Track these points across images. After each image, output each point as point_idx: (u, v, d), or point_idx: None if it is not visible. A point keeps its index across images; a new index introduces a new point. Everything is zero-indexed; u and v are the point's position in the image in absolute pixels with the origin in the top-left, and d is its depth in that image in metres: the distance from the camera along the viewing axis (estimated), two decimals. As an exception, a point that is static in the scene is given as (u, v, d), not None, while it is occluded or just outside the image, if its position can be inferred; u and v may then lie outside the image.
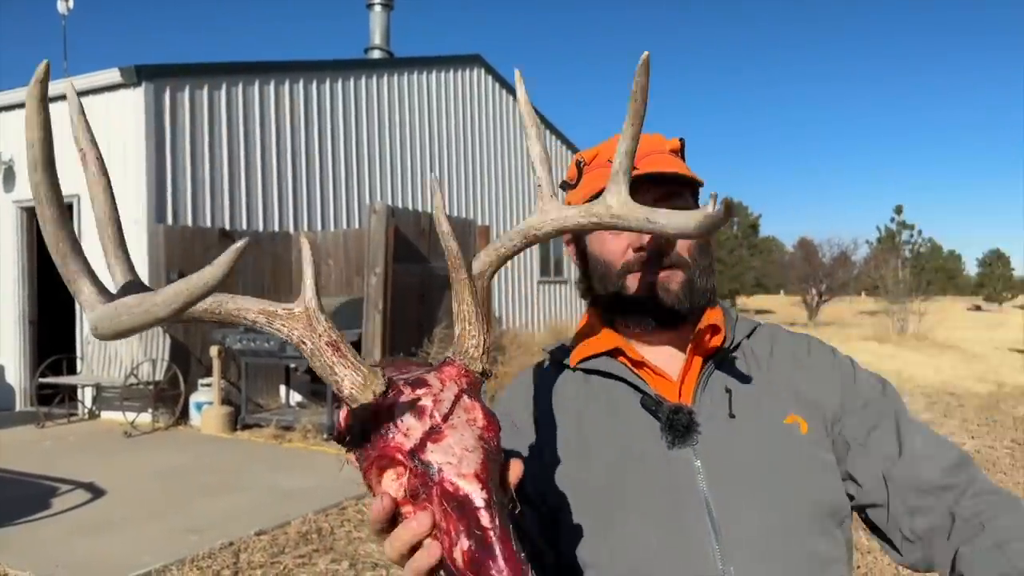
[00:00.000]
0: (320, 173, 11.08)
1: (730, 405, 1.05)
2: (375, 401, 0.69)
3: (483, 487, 0.66)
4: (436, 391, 0.71)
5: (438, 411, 0.70)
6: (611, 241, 1.11)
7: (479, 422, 0.71)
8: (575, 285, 1.23)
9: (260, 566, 4.46)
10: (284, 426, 7.96)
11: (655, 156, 1.11)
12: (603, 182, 1.04)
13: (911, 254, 43.53)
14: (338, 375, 0.69)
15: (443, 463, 0.67)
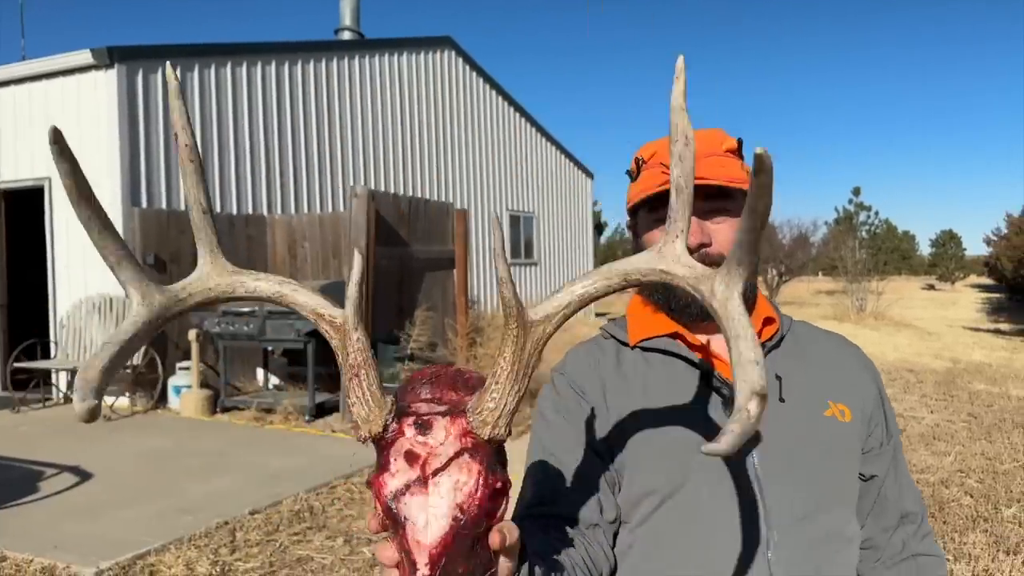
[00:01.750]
0: (294, 156, 11.05)
1: (780, 390, 1.18)
2: (375, 436, 0.72)
3: (430, 564, 0.67)
4: (435, 445, 0.70)
5: (429, 465, 0.69)
6: (658, 234, 1.20)
7: (465, 488, 0.69)
8: None
9: (257, 543, 4.56)
10: (265, 408, 8.02)
11: (708, 160, 1.17)
12: (656, 179, 1.17)
13: (868, 235, 44.50)
14: (350, 399, 0.73)
15: (411, 519, 0.68)
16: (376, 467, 0.72)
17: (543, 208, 18.41)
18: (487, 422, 0.71)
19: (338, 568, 4.26)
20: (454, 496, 0.68)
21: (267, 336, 7.97)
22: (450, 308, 8.61)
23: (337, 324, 0.76)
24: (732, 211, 1.19)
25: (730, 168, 1.19)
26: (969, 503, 5.15)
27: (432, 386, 0.78)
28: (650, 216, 1.22)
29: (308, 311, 0.78)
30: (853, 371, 1.27)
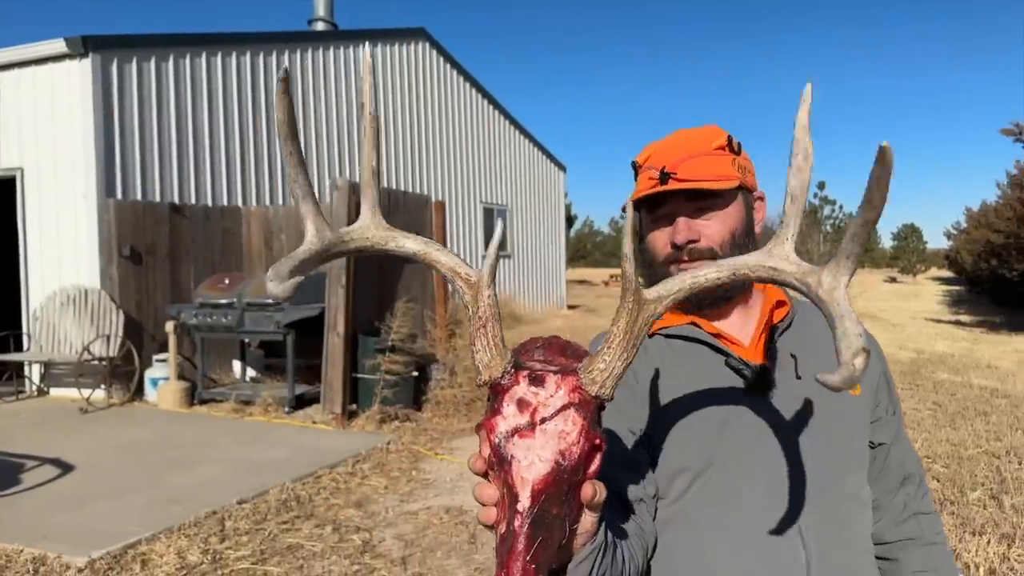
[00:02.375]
0: (269, 147, 11.01)
1: (796, 368, 1.28)
2: (495, 380, 0.79)
3: (531, 497, 0.73)
4: (545, 396, 0.78)
5: (539, 413, 0.77)
6: (657, 236, 1.31)
7: (568, 438, 0.76)
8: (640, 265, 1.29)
9: (246, 532, 4.61)
10: (243, 400, 8.02)
11: (694, 161, 1.26)
12: (646, 184, 1.28)
13: (833, 228, 45.26)
14: (475, 347, 0.81)
15: (517, 458, 0.75)
16: (488, 411, 0.80)
17: (516, 201, 18.50)
18: (596, 381, 0.79)
19: (329, 555, 4.33)
20: (558, 443, 0.75)
21: (246, 328, 7.97)
22: (429, 300, 8.68)
23: (472, 281, 0.84)
24: (720, 207, 1.28)
25: (717, 166, 1.27)
26: (936, 487, 5.36)
27: (545, 350, 0.86)
28: (648, 217, 1.32)
29: (447, 268, 0.87)
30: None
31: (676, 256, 1.27)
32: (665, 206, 1.28)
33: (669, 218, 1.28)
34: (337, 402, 7.11)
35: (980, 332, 17.23)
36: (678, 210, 1.27)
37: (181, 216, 9.13)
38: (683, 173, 1.24)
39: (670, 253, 1.28)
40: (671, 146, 1.30)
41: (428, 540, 4.57)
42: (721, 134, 1.31)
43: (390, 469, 5.95)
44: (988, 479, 5.53)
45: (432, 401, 7.75)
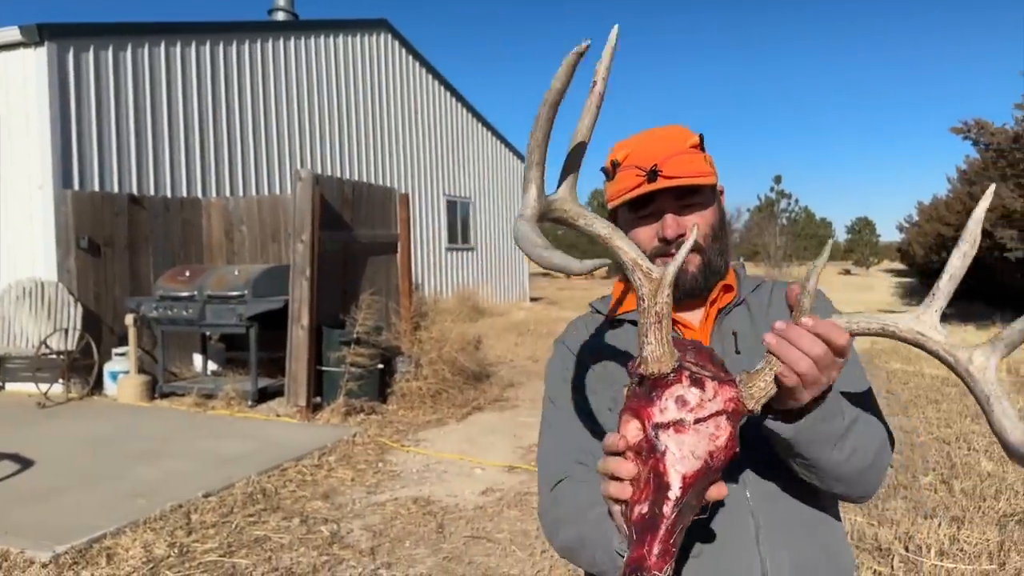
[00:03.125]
0: (229, 138, 10.89)
1: (736, 344, 1.34)
2: (661, 374, 0.87)
3: (682, 487, 0.81)
4: (706, 398, 0.86)
5: (695, 413, 0.84)
6: (642, 232, 1.34)
7: (719, 442, 0.84)
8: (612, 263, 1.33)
9: (213, 525, 4.60)
10: (205, 394, 7.95)
11: (676, 159, 1.29)
12: (632, 182, 1.31)
13: (788, 222, 45.97)
14: (648, 339, 0.89)
15: (670, 449, 0.83)
16: (644, 398, 0.87)
17: (479, 194, 18.52)
18: (753, 396, 0.88)
19: (297, 547, 4.34)
20: (709, 444, 0.83)
21: (207, 321, 7.89)
22: (394, 292, 8.68)
23: (654, 277, 0.92)
24: (700, 203, 1.34)
25: (696, 164, 1.31)
26: (890, 473, 5.53)
27: (696, 354, 0.92)
28: (631, 215, 1.35)
29: (628, 259, 0.95)
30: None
31: (664, 250, 1.32)
32: (653, 203, 1.32)
33: (655, 215, 1.32)
34: (302, 395, 7.09)
35: (931, 323, 17.65)
36: (665, 207, 1.31)
37: (140, 207, 9.00)
38: (669, 171, 1.28)
39: (658, 247, 1.32)
40: (651, 145, 1.33)
41: (396, 530, 4.61)
42: (692, 134, 1.36)
43: (356, 461, 5.97)
44: (939, 464, 5.73)
45: (397, 393, 7.77)
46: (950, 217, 24.32)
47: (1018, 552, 4.10)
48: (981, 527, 4.45)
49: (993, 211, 17.36)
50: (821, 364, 0.91)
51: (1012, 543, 4.20)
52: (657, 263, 1.32)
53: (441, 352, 8.15)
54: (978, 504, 4.85)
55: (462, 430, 6.99)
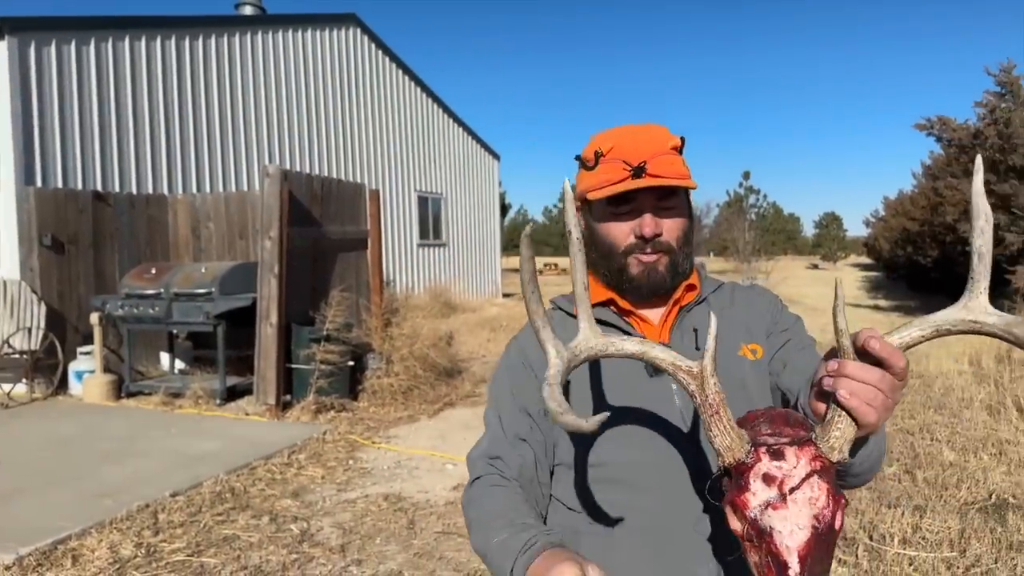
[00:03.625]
0: (195, 134, 10.76)
1: (696, 340, 1.36)
2: (739, 461, 0.88)
3: (800, 561, 0.82)
4: (789, 468, 0.85)
5: (786, 485, 0.84)
6: (618, 227, 1.34)
7: (819, 503, 0.84)
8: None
9: (180, 525, 4.55)
10: (173, 393, 7.86)
11: (662, 159, 1.30)
12: (616, 175, 1.30)
13: (757, 217, 46.37)
14: (714, 432, 0.90)
15: (776, 528, 0.83)
16: (735, 488, 0.87)
17: (451, 189, 18.48)
18: (834, 448, 0.87)
19: (266, 545, 4.31)
20: (811, 508, 0.83)
21: (174, 319, 7.80)
22: (364, 289, 8.63)
23: (695, 372, 0.93)
24: (677, 207, 1.35)
25: (679, 165, 1.32)
26: (854, 463, 5.62)
27: (770, 423, 0.92)
28: (609, 209, 1.35)
29: (668, 364, 0.96)
30: (760, 311, 1.45)
31: (639, 247, 1.33)
32: (635, 201, 1.31)
33: (635, 212, 1.32)
34: (271, 393, 7.04)
35: (896, 316, 18.00)
36: (645, 205, 1.31)
37: (105, 204, 8.86)
38: (655, 169, 1.28)
39: (633, 243, 1.33)
40: (636, 141, 1.33)
41: (367, 527, 4.59)
42: (673, 136, 1.37)
43: (327, 459, 5.94)
44: (903, 455, 5.83)
45: (368, 390, 7.74)
46: (915, 212, 24.73)
47: (978, 539, 4.19)
48: (943, 515, 4.54)
49: (955, 206, 17.66)
50: (888, 390, 0.91)
51: (972, 531, 4.29)
52: (631, 261, 1.35)
53: (413, 348, 8.13)
54: (940, 493, 4.95)
55: (434, 426, 6.98)
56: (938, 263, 22.21)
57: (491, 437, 1.36)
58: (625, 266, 1.35)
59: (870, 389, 0.89)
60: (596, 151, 1.35)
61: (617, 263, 1.36)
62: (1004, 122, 14.01)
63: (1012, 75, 14.81)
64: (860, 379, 0.90)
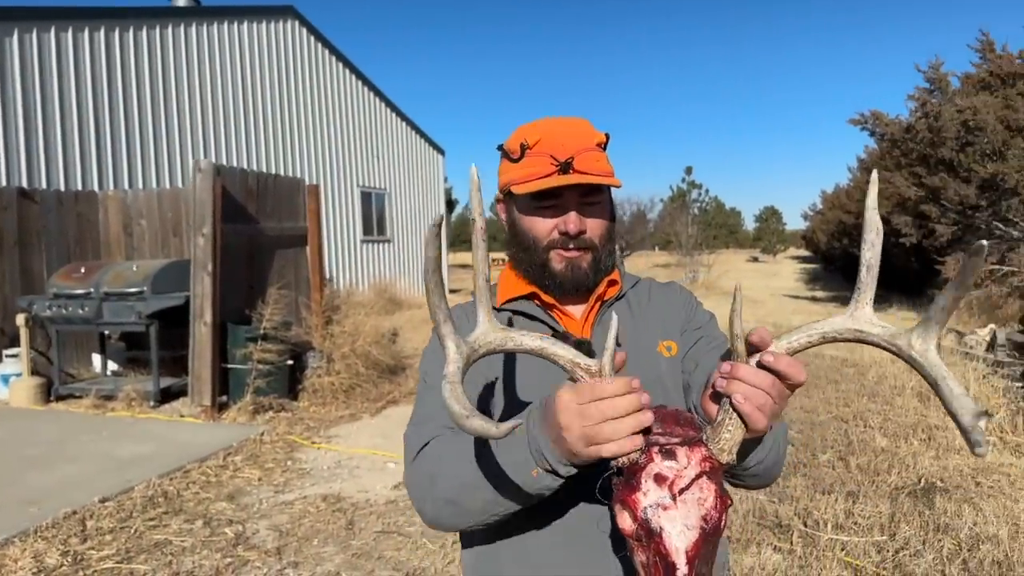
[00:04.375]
0: (127, 129, 10.44)
1: (617, 337, 1.36)
2: (632, 462, 0.88)
3: (688, 563, 0.82)
4: (680, 468, 0.86)
5: (676, 485, 0.85)
6: (541, 222, 1.32)
7: (707, 503, 0.84)
8: (504, 246, 1.28)
9: (110, 531, 4.41)
10: (105, 396, 7.62)
11: (587, 154, 1.28)
12: (543, 169, 1.28)
13: (699, 211, 47.05)
14: None
15: (665, 528, 0.83)
16: (626, 487, 0.87)
17: (395, 185, 18.30)
18: (724, 450, 0.87)
19: (199, 549, 4.20)
20: (700, 509, 0.83)
21: (104, 319, 7.56)
22: (304, 286, 8.49)
23: (593, 371, 0.93)
24: (601, 204, 1.34)
25: (604, 162, 1.31)
26: (791, 452, 5.73)
27: (661, 423, 0.92)
28: (533, 202, 1.32)
29: (566, 361, 0.95)
30: (676, 308, 1.46)
31: (562, 243, 1.31)
32: (560, 196, 1.29)
33: (559, 208, 1.30)
34: (206, 394, 6.87)
35: (833, 307, 18.44)
36: (570, 201, 1.29)
37: (31, 202, 8.53)
38: (582, 166, 1.26)
39: (556, 239, 1.31)
40: (563, 136, 1.30)
41: (304, 529, 4.51)
42: (598, 132, 1.35)
43: (264, 460, 5.82)
44: (837, 442, 5.96)
45: (309, 389, 7.61)
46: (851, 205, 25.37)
47: (907, 523, 4.30)
48: (874, 500, 4.66)
49: (889, 199, 18.15)
50: (777, 396, 0.91)
51: (902, 515, 4.40)
52: (552, 256, 1.33)
53: (354, 346, 8.02)
54: (872, 478, 5.07)
55: (376, 424, 6.90)
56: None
57: (435, 413, 1.27)
58: (547, 261, 1.34)
59: (761, 394, 0.90)
60: (522, 143, 1.33)
61: (539, 258, 1.34)
62: (935, 116, 14.42)
63: (940, 72, 15.26)
64: (752, 383, 0.90)
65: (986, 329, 9.59)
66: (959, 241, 15.30)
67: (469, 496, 1.12)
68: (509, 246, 1.42)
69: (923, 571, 3.69)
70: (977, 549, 3.92)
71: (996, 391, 6.72)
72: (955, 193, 14.48)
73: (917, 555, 3.89)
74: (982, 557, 3.83)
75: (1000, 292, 12.96)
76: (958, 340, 9.85)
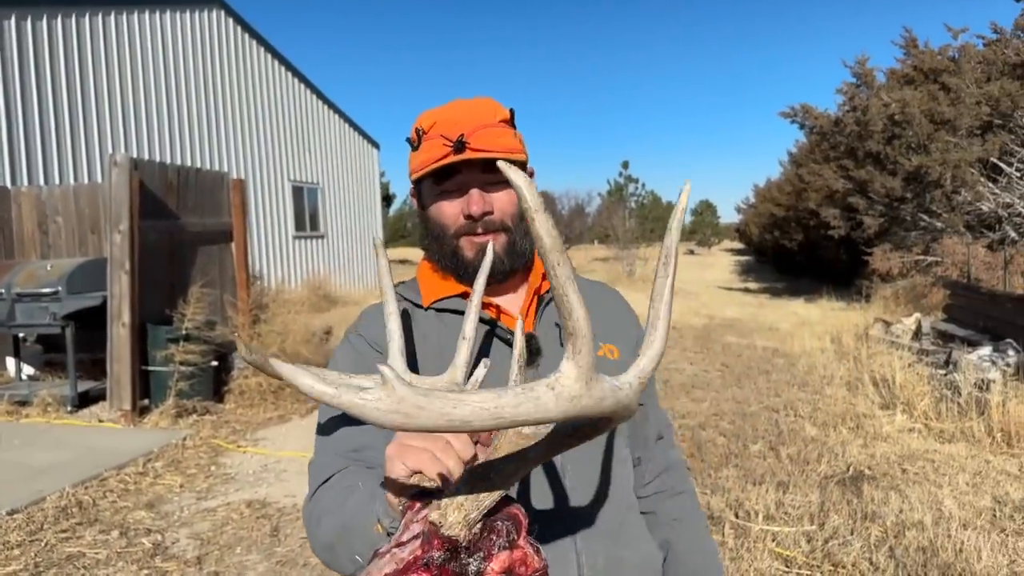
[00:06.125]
0: (41, 122, 9.96)
1: (560, 337, 1.27)
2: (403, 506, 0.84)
3: None
4: (414, 520, 0.78)
5: (403, 535, 0.77)
6: (446, 207, 1.25)
7: (399, 566, 0.73)
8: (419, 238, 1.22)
9: (18, 545, 4.17)
10: (19, 401, 7.25)
11: (485, 132, 1.20)
12: (438, 152, 1.20)
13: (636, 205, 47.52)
14: None
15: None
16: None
17: (328, 179, 17.94)
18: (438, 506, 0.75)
19: (115, 561, 4.00)
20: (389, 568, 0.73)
21: (16, 321, 7.18)
22: (230, 284, 8.21)
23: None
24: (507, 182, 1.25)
25: (505, 138, 1.23)
26: (723, 442, 5.76)
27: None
28: (435, 188, 1.25)
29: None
30: (618, 314, 1.41)
31: (470, 228, 1.24)
32: (457, 176, 1.22)
33: (460, 189, 1.23)
34: (126, 398, 6.58)
35: (765, 298, 18.80)
36: (470, 181, 1.22)
37: (-66, 198, 8.07)
38: (476, 143, 1.19)
39: (463, 224, 1.24)
40: (458, 115, 1.23)
41: (227, 536, 4.34)
42: (502, 108, 1.28)
43: (186, 466, 5.59)
44: (768, 432, 6.02)
45: (235, 391, 7.37)
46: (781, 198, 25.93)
47: (836, 512, 4.34)
48: (804, 490, 4.70)
49: (818, 192, 18.56)
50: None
51: (831, 504, 4.45)
52: (463, 243, 1.25)
53: (283, 345, 7.81)
54: (802, 468, 5.13)
55: (306, 425, 6.71)
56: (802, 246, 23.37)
57: (339, 440, 1.19)
58: (457, 248, 1.26)
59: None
60: (418, 129, 1.26)
61: (449, 246, 1.26)
62: (862, 110, 14.79)
63: (866, 67, 15.67)
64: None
65: (912, 318, 9.85)
66: (886, 233, 15.74)
67: (339, 551, 1.05)
68: (422, 239, 1.34)
69: (852, 560, 3.73)
70: (903, 536, 3.98)
71: (921, 379, 6.88)
72: (881, 186, 14.88)
73: (846, 544, 3.93)
74: (908, 543, 3.89)
75: (925, 282, 13.38)
76: (885, 329, 10.10)
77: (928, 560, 3.70)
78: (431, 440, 0.88)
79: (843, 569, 3.65)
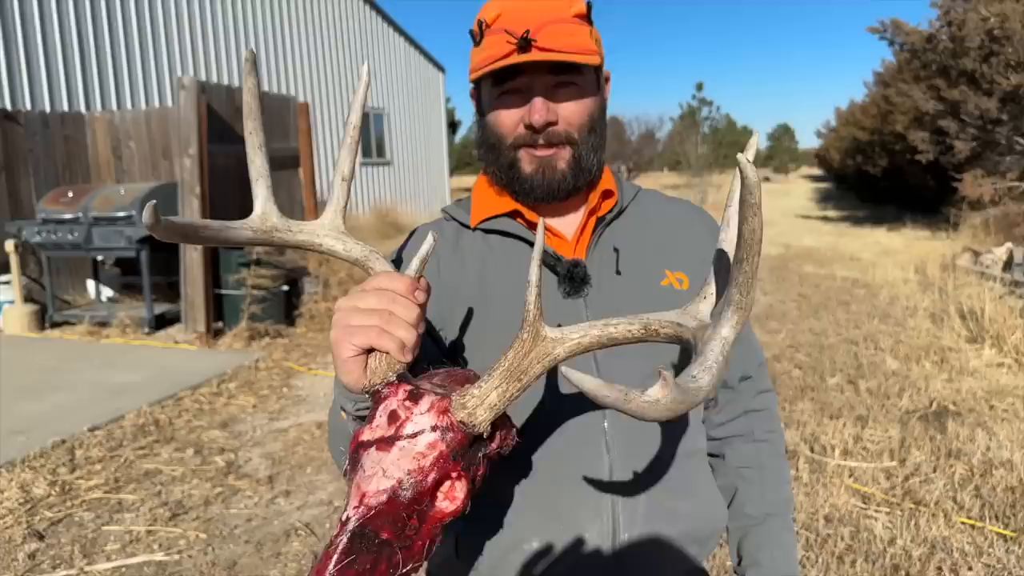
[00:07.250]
0: (112, 46, 10.04)
1: (617, 263, 1.14)
2: (374, 387, 0.80)
3: (357, 508, 0.70)
4: (418, 412, 0.74)
5: (404, 428, 0.74)
6: (504, 114, 1.10)
7: (423, 461, 0.72)
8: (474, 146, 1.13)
9: (99, 460, 4.31)
10: (99, 322, 7.50)
11: (555, 27, 1.04)
12: (500, 49, 1.04)
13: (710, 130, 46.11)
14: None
15: (365, 467, 0.72)
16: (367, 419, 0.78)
17: (394, 104, 17.80)
18: (465, 406, 0.74)
19: (190, 479, 4.10)
20: (409, 463, 0.72)
21: (95, 245, 7.37)
22: (299, 209, 8.25)
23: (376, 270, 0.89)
24: (579, 84, 1.09)
25: (580, 37, 1.06)
26: (798, 375, 5.57)
27: (445, 376, 0.83)
28: (495, 90, 1.10)
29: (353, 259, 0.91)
30: (696, 236, 1.23)
31: (530, 139, 1.09)
32: (519, 78, 1.07)
33: (523, 93, 1.08)
34: (200, 320, 6.72)
35: (845, 226, 18.11)
36: (535, 84, 1.07)
37: (15, 124, 8.24)
38: (544, 41, 1.03)
39: (522, 135, 1.09)
40: (526, 7, 1.06)
41: (297, 457, 4.41)
42: (580, 2, 1.09)
43: (259, 387, 5.70)
44: (846, 365, 5.79)
45: (306, 316, 7.46)
46: (865, 121, 24.69)
47: (918, 448, 4.15)
48: (884, 425, 4.51)
49: (905, 114, 17.59)
50: None
51: (912, 439, 4.26)
52: (522, 155, 1.10)
53: (352, 271, 7.84)
54: (882, 402, 4.92)
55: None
56: (886, 172, 22.32)
57: None
58: (515, 161, 1.11)
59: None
60: (480, 21, 1.09)
61: (507, 158, 1.12)
62: (958, 25, 13.79)
63: (965, -23, 14.54)
64: None
65: (1003, 248, 9.32)
66: (978, 157, 14.85)
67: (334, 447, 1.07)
68: (478, 147, 1.19)
69: (934, 498, 3.56)
70: (990, 475, 3.78)
71: (1013, 312, 6.50)
72: (976, 107, 13.95)
73: (928, 481, 3.75)
74: (995, 483, 3.69)
75: (1019, 209, 12.61)
76: (974, 259, 9.60)
77: (1016, 501, 3.51)
78: (375, 315, 0.82)
79: (925, 507, 3.49)
